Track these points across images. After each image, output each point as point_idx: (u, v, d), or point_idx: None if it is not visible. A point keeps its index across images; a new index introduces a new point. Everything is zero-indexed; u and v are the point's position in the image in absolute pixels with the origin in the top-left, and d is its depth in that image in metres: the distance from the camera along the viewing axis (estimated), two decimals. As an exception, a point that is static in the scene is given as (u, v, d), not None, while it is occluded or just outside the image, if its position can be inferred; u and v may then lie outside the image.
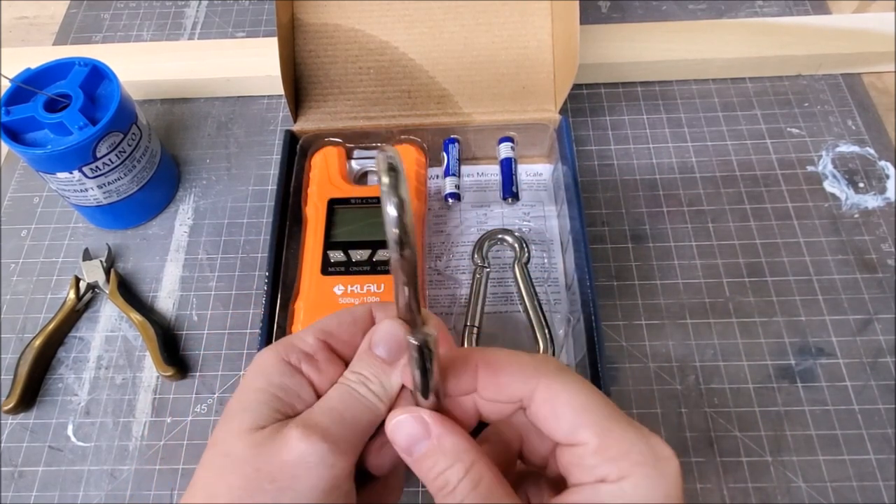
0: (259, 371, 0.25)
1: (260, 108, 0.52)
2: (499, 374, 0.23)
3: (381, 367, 0.24)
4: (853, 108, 0.49)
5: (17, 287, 0.44)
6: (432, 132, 0.45)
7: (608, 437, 0.21)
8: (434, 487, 0.22)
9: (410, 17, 0.46)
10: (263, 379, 0.24)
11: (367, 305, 0.27)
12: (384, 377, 0.24)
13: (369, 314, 0.27)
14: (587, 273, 0.37)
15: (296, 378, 0.25)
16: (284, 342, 0.26)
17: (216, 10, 0.58)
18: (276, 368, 0.25)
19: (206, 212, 0.47)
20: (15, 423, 0.39)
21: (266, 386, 0.24)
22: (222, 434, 0.24)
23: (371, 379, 0.24)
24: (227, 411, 0.24)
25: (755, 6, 0.56)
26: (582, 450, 0.21)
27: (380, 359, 0.25)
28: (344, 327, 0.26)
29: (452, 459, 0.22)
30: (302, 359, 0.25)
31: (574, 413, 0.21)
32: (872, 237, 0.43)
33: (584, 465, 0.21)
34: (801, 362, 0.39)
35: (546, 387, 0.22)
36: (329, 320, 0.27)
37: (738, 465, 0.36)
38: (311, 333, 0.26)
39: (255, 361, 0.25)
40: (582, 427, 0.21)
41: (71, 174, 0.40)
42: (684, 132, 0.48)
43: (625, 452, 0.20)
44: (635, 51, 0.50)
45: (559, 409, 0.22)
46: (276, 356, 0.25)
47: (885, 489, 0.35)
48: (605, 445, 0.21)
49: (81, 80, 0.40)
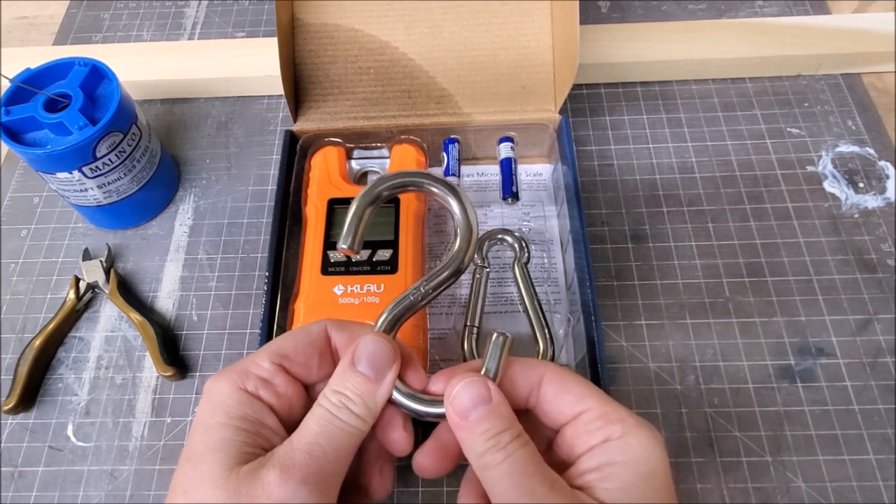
0: (217, 405, 0.24)
1: (260, 108, 0.52)
2: (513, 365, 0.26)
3: (366, 386, 0.24)
4: (853, 108, 0.49)
5: (16, 287, 0.44)
6: (432, 132, 0.45)
7: (608, 406, 0.24)
8: (482, 448, 0.23)
9: (410, 17, 0.46)
10: (223, 413, 0.23)
11: (321, 324, 0.27)
12: (368, 396, 0.24)
13: (325, 333, 0.26)
14: (587, 273, 0.37)
15: (256, 405, 0.24)
16: (238, 369, 0.25)
17: (216, 10, 0.58)
18: (234, 399, 0.24)
19: (206, 212, 0.47)
20: (15, 423, 0.39)
21: (227, 420, 0.23)
22: (190, 480, 0.22)
23: (354, 399, 0.24)
24: (190, 453, 0.23)
25: (755, 6, 0.56)
26: (587, 415, 0.24)
27: (364, 376, 0.24)
28: (300, 349, 0.26)
29: (508, 423, 0.24)
30: (259, 385, 0.24)
31: (579, 387, 0.25)
32: (872, 237, 0.43)
33: (591, 428, 0.24)
34: (801, 362, 0.39)
35: (553, 370, 0.25)
36: (284, 342, 0.26)
37: (738, 465, 0.36)
38: (265, 357, 0.25)
39: (208, 393, 0.24)
40: (587, 396, 0.25)
41: (71, 174, 0.40)
42: (684, 132, 0.48)
43: (624, 417, 0.24)
44: (635, 51, 0.50)
45: (567, 384, 0.25)
46: (232, 385, 0.24)
47: (884, 489, 0.35)
48: (607, 411, 0.24)
49: (81, 80, 0.40)
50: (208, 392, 0.24)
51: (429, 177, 0.29)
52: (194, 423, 0.24)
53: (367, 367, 0.24)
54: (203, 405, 0.24)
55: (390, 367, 0.24)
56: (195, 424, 0.24)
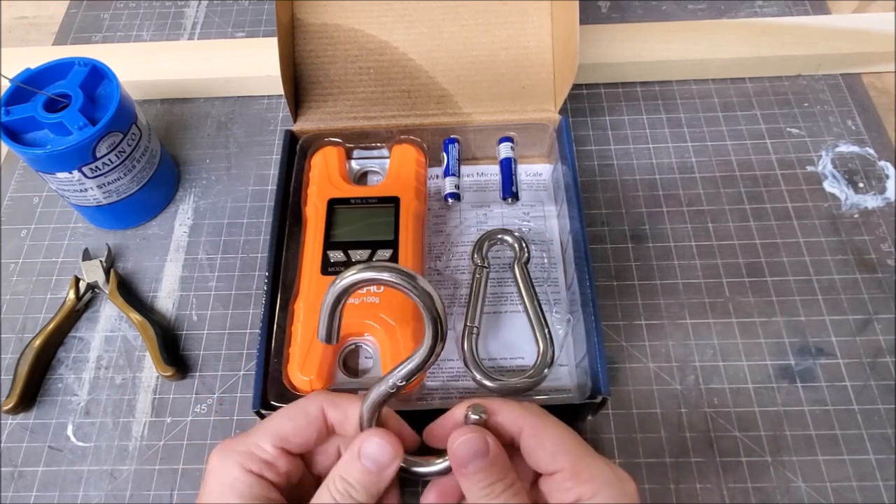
0: (227, 487, 0.27)
1: (260, 108, 0.52)
2: (497, 414, 0.28)
3: (368, 476, 0.27)
4: (853, 108, 0.49)
5: (16, 287, 0.44)
6: (432, 132, 0.45)
7: (580, 464, 0.26)
8: (478, 495, 0.26)
9: (410, 17, 0.46)
10: (234, 495, 0.26)
11: (317, 403, 0.29)
12: (371, 484, 0.27)
13: (322, 413, 0.29)
14: (587, 273, 0.37)
15: (263, 485, 0.27)
16: (242, 451, 0.27)
17: (216, 10, 0.58)
18: (242, 482, 0.27)
19: (205, 212, 0.47)
20: (15, 424, 0.39)
21: (240, 500, 0.26)
22: None
23: (357, 487, 0.27)
24: None
25: (755, 6, 0.56)
26: (560, 475, 0.26)
27: (367, 469, 0.27)
28: (300, 431, 0.28)
29: (502, 474, 0.26)
30: (264, 468, 0.27)
31: (554, 444, 0.27)
32: (872, 237, 0.43)
33: (563, 488, 0.26)
34: (801, 362, 0.39)
35: (531, 425, 0.27)
36: (283, 424, 0.28)
37: (738, 465, 0.36)
38: (268, 441, 0.28)
39: (215, 473, 0.27)
40: (560, 455, 0.26)
41: (70, 174, 0.40)
42: (684, 132, 0.48)
43: (594, 475, 0.26)
44: (635, 51, 0.50)
45: (543, 442, 0.27)
46: (240, 468, 0.27)
47: (884, 489, 0.35)
48: (578, 470, 0.26)
49: (81, 80, 0.40)
50: (216, 472, 0.27)
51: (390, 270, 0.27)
52: (205, 498, 0.27)
53: (370, 463, 0.27)
54: (211, 486, 0.27)
55: (392, 463, 0.27)
56: (207, 500, 0.27)
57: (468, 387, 0.37)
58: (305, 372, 0.35)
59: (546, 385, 0.37)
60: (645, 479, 0.36)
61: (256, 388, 0.34)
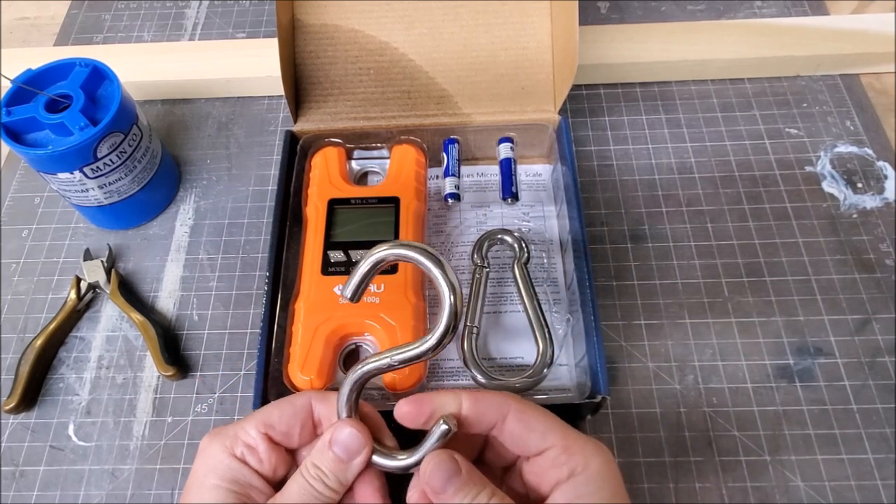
0: (210, 467, 0.28)
1: (260, 109, 0.52)
2: (480, 402, 0.28)
3: (338, 464, 0.28)
4: (851, 108, 0.49)
5: (18, 287, 0.44)
6: (432, 132, 0.45)
7: (568, 440, 0.27)
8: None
9: (410, 18, 0.46)
10: (215, 475, 0.28)
11: (306, 396, 0.30)
12: (340, 472, 0.28)
13: (309, 405, 0.30)
14: (586, 273, 0.37)
15: (245, 470, 0.28)
16: (229, 434, 0.29)
17: (216, 10, 0.58)
18: (224, 464, 0.28)
19: (206, 212, 0.47)
20: (16, 423, 0.39)
21: (219, 482, 0.27)
22: None
23: (328, 474, 0.28)
24: None
25: (753, 7, 0.56)
26: (552, 451, 0.27)
27: (337, 457, 0.28)
28: (284, 419, 0.29)
29: (480, 487, 0.27)
30: (246, 452, 0.28)
31: (542, 425, 0.28)
32: (871, 237, 0.43)
33: (557, 463, 0.27)
34: (800, 362, 0.39)
35: (517, 410, 0.28)
36: (270, 412, 0.29)
37: (737, 465, 0.36)
38: (253, 426, 0.29)
39: (202, 454, 0.29)
40: (549, 433, 0.27)
41: (72, 174, 0.40)
42: (683, 133, 0.48)
43: (582, 448, 0.27)
44: (634, 52, 0.50)
45: (531, 424, 0.28)
46: (224, 451, 0.28)
47: (883, 488, 0.35)
48: (568, 444, 0.27)
49: (82, 80, 0.40)
50: (202, 453, 0.29)
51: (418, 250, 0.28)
52: (190, 480, 0.28)
53: (340, 450, 0.28)
54: (198, 465, 0.28)
55: (361, 452, 0.28)
56: (190, 481, 0.28)
57: (468, 386, 0.38)
58: (306, 372, 0.35)
59: (545, 385, 0.37)
60: (644, 479, 0.36)
61: (257, 388, 0.34)
